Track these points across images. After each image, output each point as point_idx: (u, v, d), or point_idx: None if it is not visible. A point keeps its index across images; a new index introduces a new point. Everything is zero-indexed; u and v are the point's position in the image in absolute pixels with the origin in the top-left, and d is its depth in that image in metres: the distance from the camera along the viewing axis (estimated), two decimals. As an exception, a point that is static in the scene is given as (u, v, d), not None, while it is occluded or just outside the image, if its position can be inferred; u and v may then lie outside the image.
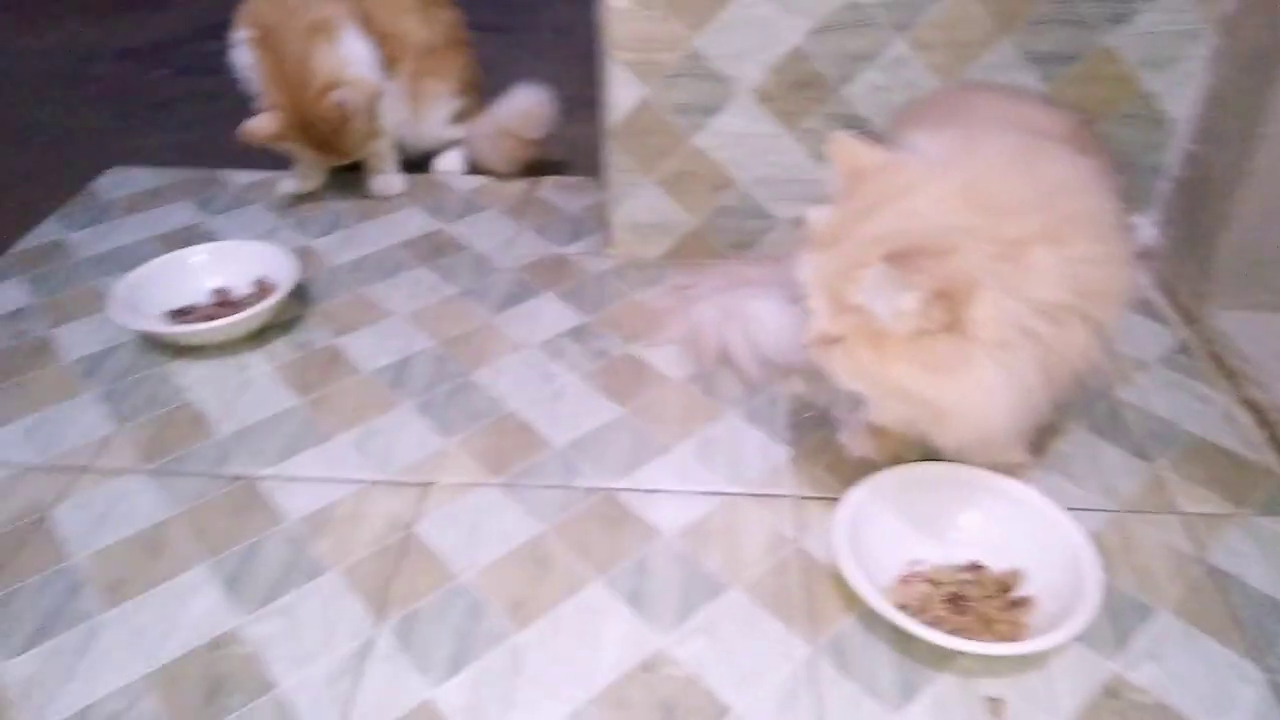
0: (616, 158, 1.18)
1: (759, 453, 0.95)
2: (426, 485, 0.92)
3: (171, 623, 0.79)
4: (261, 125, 1.27)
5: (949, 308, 0.68)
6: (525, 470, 0.93)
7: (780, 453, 0.95)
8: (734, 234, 1.23)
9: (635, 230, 1.23)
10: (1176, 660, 0.74)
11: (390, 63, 1.36)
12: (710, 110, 1.13)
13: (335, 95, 1.26)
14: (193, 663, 0.76)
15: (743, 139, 1.15)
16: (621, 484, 0.91)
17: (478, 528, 0.87)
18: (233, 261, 1.17)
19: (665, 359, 1.07)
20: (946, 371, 0.71)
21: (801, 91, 1.11)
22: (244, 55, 1.30)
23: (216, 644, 0.78)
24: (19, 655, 0.77)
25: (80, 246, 1.31)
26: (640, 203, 1.21)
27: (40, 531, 0.88)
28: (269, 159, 1.51)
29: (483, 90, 1.51)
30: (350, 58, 1.29)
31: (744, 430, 0.97)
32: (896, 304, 0.69)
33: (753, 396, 1.02)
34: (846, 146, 0.77)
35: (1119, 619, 0.78)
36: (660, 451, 0.95)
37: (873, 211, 0.74)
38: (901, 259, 0.68)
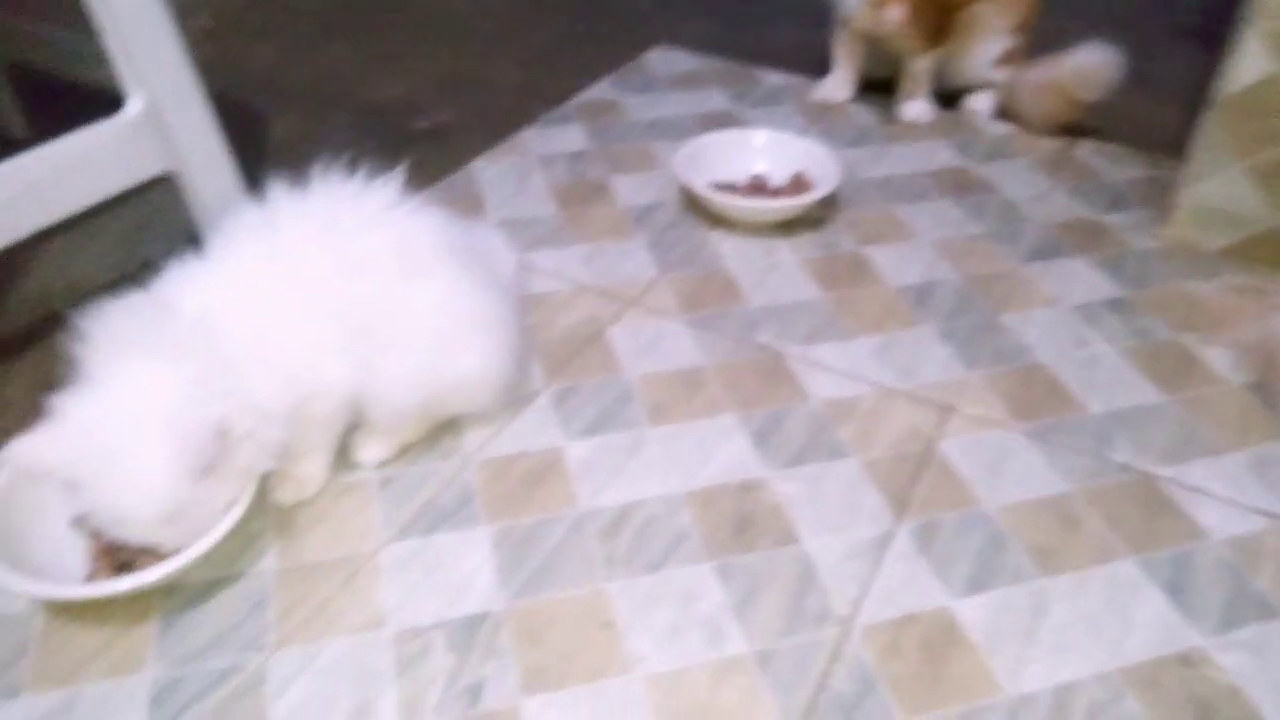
0: (1211, 133, 1.07)
1: (1335, 488, 0.84)
2: (948, 409, 0.91)
3: (706, 455, 0.86)
4: (897, 14, 1.30)
5: None
6: (1053, 426, 0.89)
7: (1362, 496, 0.83)
8: (1321, 246, 1.07)
9: (1201, 215, 1.12)
10: None
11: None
12: (1357, 100, 0.99)
13: None
14: (723, 496, 0.82)
15: (1387, 140, 0.99)
16: (1163, 471, 0.85)
17: (1000, 465, 0.85)
18: (778, 152, 1.22)
19: (1221, 359, 0.97)
20: None
21: None
22: None
23: (745, 486, 0.83)
24: (581, 439, 0.87)
25: (632, 109, 1.44)
26: (1219, 187, 1.09)
27: (598, 343, 0.99)
28: (798, 64, 1.56)
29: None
30: None
31: (1316, 459, 0.86)
32: None
33: (1327, 426, 0.90)
34: None
35: None
36: (1209, 452, 0.86)
37: None
38: None
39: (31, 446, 0.68)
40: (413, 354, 0.80)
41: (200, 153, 1.02)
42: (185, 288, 0.76)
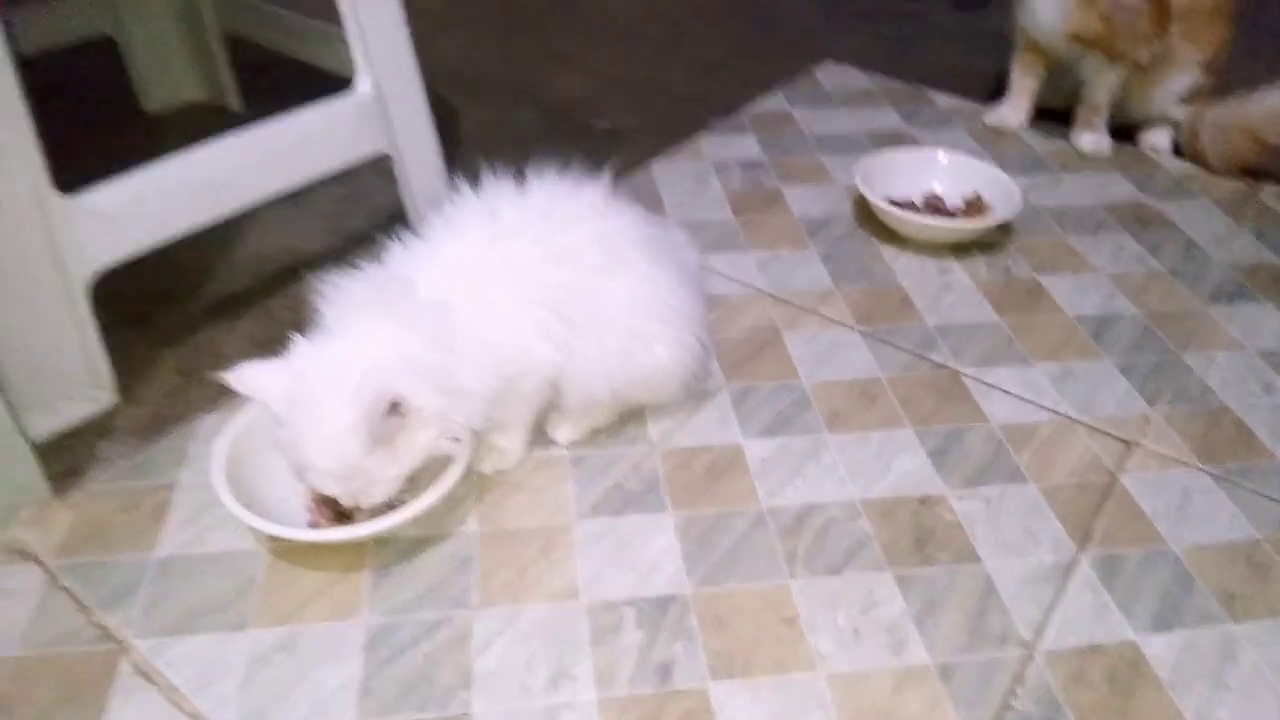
0: None
1: None
2: (1129, 443, 0.91)
3: (883, 466, 0.88)
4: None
5: None
6: (1241, 470, 0.88)
7: None
8: None
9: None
10: None
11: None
12: None
13: None
14: (902, 508, 0.84)
15: None
16: (1358, 528, 0.83)
17: (1185, 505, 0.85)
18: (956, 173, 1.23)
19: None
20: None
21: None
22: None
23: (924, 501, 0.85)
24: (760, 438, 0.90)
25: (804, 123, 1.46)
26: None
27: (773, 347, 1.02)
28: (958, 87, 1.56)
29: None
30: None
31: None
32: None
33: None
34: None
35: None
36: None
37: None
38: None
39: (256, 373, 0.75)
40: (608, 342, 0.84)
41: (415, 138, 1.08)
42: (411, 264, 0.81)
